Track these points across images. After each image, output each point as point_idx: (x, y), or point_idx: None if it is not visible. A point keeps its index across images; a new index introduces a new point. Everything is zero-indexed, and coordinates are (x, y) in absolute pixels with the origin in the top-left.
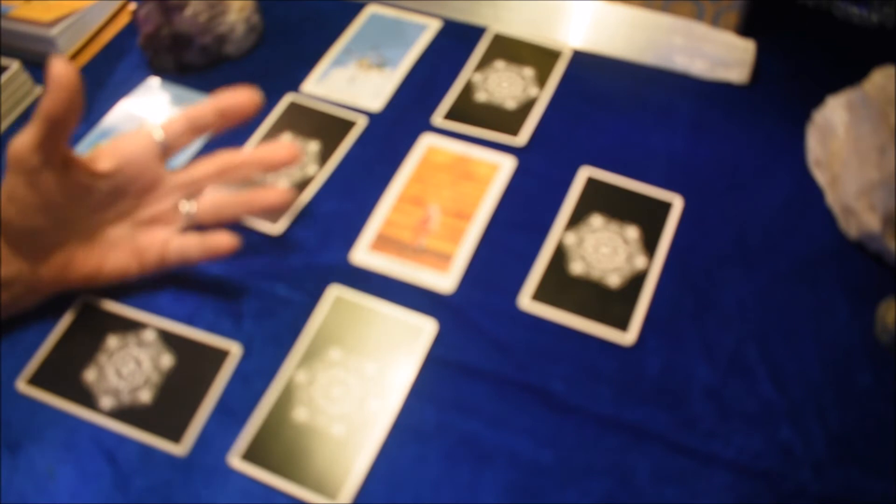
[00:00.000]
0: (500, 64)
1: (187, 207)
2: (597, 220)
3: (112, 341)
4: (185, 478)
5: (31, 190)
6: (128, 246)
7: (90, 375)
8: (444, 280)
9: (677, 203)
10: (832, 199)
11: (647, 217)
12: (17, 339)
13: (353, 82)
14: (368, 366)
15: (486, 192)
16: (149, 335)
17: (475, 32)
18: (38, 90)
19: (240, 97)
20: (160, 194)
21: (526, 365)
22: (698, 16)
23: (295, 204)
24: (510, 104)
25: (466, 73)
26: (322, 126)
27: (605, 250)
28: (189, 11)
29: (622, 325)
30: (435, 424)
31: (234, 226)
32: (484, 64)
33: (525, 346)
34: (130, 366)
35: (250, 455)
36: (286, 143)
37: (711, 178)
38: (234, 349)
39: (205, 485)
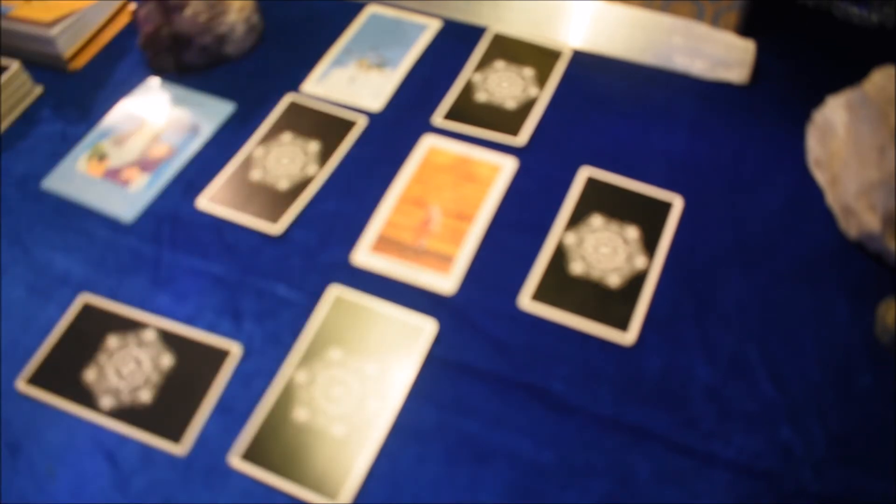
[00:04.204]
0: (500, 64)
1: None
2: (597, 220)
3: (112, 341)
4: (185, 478)
5: None
6: None
7: (90, 375)
8: (446, 281)
9: (677, 203)
10: (832, 199)
11: (647, 217)
12: (17, 339)
13: (353, 82)
14: (368, 366)
15: (487, 194)
16: (149, 335)
17: (475, 32)
18: (38, 90)
19: None
20: None
21: (526, 365)
22: (698, 16)
23: (295, 204)
24: (510, 104)
25: (466, 73)
26: (322, 126)
27: (605, 250)
28: (189, 11)
29: (622, 325)
30: (435, 424)
31: (234, 226)
32: (484, 64)
33: (525, 346)
34: (130, 366)
35: (250, 455)
36: None
37: (711, 178)
38: (234, 349)
39: (205, 485)
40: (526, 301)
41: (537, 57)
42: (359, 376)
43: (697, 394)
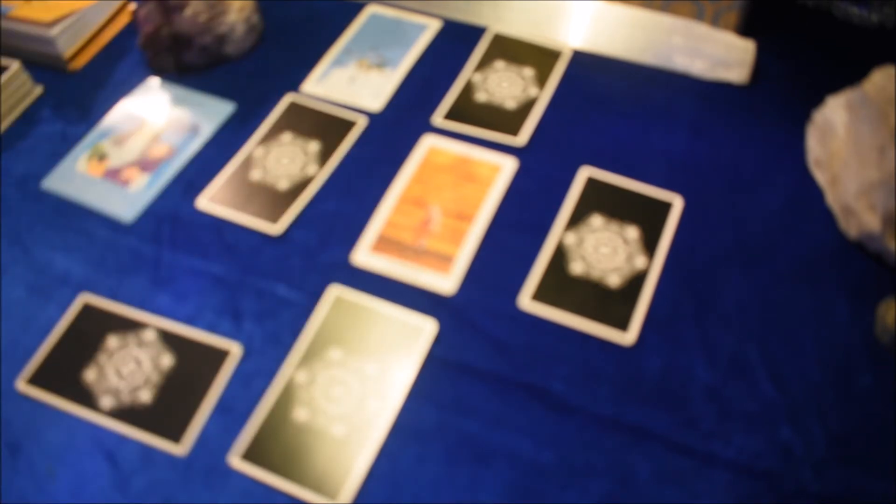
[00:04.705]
0: (500, 64)
1: None
2: (597, 220)
3: (112, 341)
4: (185, 478)
5: None
6: None
7: (90, 375)
8: (446, 281)
9: (677, 203)
10: (832, 199)
11: (647, 217)
12: (17, 339)
13: (353, 82)
14: (368, 366)
15: (487, 194)
16: (149, 335)
17: (475, 32)
18: (38, 90)
19: None
20: None
21: (526, 365)
22: (698, 16)
23: (295, 204)
24: (510, 104)
25: (466, 73)
26: (322, 126)
27: (605, 250)
28: (189, 11)
29: (622, 325)
30: (435, 424)
31: (234, 226)
32: (484, 64)
33: (525, 346)
34: (130, 366)
35: (250, 455)
36: None
37: (711, 178)
38: (234, 349)
39: (205, 485)
40: (526, 301)
41: (537, 57)
42: (359, 376)
43: (697, 394)
